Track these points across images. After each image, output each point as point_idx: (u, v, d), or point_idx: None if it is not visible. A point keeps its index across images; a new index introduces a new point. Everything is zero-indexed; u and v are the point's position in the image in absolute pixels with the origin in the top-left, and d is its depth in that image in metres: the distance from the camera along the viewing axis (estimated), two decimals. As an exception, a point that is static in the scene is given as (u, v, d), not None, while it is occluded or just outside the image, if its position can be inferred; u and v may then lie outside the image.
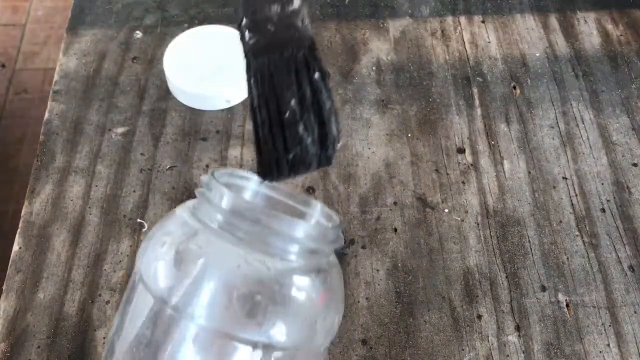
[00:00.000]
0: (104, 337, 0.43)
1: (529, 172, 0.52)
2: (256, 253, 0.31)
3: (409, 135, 0.54)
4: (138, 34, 0.61)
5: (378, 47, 0.60)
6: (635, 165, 0.53)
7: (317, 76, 0.31)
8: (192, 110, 0.55)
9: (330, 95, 0.32)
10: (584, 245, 0.48)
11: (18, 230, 0.48)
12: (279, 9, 0.32)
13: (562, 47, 0.61)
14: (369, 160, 0.53)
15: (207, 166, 0.52)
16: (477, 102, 0.56)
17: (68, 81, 0.57)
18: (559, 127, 0.55)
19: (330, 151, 0.32)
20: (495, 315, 0.45)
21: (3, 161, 1.24)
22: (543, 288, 0.46)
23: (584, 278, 0.47)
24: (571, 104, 0.57)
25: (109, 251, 0.47)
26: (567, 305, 0.46)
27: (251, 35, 0.32)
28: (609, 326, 0.45)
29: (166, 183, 0.51)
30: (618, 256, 0.48)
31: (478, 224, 0.49)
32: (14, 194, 1.18)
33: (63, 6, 1.50)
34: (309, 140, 0.31)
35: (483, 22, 0.63)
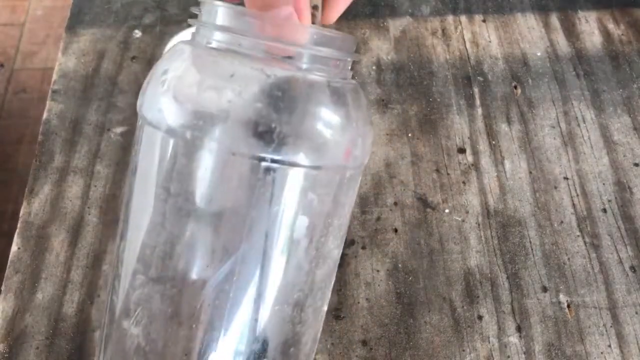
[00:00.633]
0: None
1: (530, 172, 0.52)
2: (256, 62, 0.29)
3: (410, 135, 0.54)
4: (137, 33, 0.61)
5: (378, 47, 0.60)
6: (636, 165, 0.53)
7: None
8: (192, 109, 0.55)
9: None
10: (585, 245, 0.48)
11: (16, 230, 0.48)
12: None
13: (563, 47, 0.60)
14: (369, 160, 0.52)
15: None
16: (478, 102, 0.56)
17: (67, 81, 0.57)
18: (560, 127, 0.55)
19: None
20: (496, 316, 0.45)
21: (2, 161, 1.24)
22: (544, 289, 0.46)
23: (585, 279, 0.47)
24: (572, 104, 0.56)
25: (108, 251, 0.47)
26: (568, 305, 0.45)
27: None
28: (610, 327, 0.44)
29: (165, 183, 0.51)
30: (619, 257, 0.48)
31: (479, 224, 0.49)
32: (13, 194, 1.18)
33: (62, 6, 1.50)
34: None
35: (484, 22, 0.63)
